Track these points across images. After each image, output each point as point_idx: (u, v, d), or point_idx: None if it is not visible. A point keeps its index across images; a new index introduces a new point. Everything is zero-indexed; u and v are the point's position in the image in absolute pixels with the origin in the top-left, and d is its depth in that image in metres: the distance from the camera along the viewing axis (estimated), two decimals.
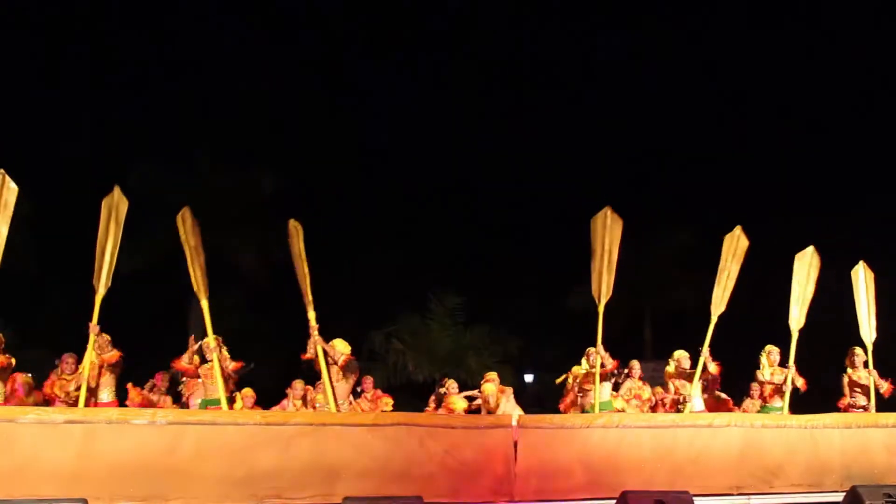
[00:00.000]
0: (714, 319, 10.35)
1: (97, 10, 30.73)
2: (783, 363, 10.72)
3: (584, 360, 10.59)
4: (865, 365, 10.71)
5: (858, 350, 10.83)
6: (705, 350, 10.39)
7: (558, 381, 11.21)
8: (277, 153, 27.01)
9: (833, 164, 28.61)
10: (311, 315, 9.36)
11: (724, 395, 11.26)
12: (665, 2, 36.02)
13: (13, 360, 9.42)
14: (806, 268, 10.66)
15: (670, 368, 11.24)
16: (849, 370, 10.96)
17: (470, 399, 11.23)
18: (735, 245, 10.56)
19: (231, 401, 9.79)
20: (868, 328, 10.70)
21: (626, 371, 11.24)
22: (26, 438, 7.67)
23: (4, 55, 27.22)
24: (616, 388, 10.99)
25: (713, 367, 10.60)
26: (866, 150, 28.63)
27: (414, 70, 35.56)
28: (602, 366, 10.07)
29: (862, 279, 10.85)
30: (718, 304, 10.39)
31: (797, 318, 10.49)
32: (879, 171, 27.24)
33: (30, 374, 10.03)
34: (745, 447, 9.29)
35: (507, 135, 31.86)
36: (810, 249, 10.75)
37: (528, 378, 26.75)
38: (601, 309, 9.96)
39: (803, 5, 33.26)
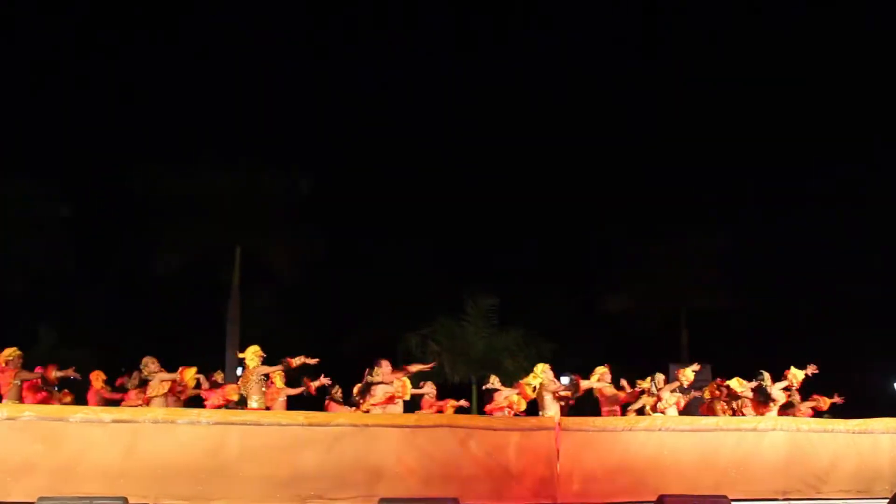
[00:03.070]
0: None
1: (99, 10, 30.95)
2: None
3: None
4: None
5: None
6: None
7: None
8: (313, 153, 27.07)
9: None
10: None
11: None
12: None
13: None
14: None
15: None
16: None
17: None
18: None
19: None
20: None
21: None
22: (75, 437, 7.77)
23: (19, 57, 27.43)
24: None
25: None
26: None
27: (443, 68, 35.54)
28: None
29: None
30: None
31: None
32: None
33: None
34: (791, 452, 9.15)
35: (541, 138, 31.62)
36: None
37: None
38: None
39: None
